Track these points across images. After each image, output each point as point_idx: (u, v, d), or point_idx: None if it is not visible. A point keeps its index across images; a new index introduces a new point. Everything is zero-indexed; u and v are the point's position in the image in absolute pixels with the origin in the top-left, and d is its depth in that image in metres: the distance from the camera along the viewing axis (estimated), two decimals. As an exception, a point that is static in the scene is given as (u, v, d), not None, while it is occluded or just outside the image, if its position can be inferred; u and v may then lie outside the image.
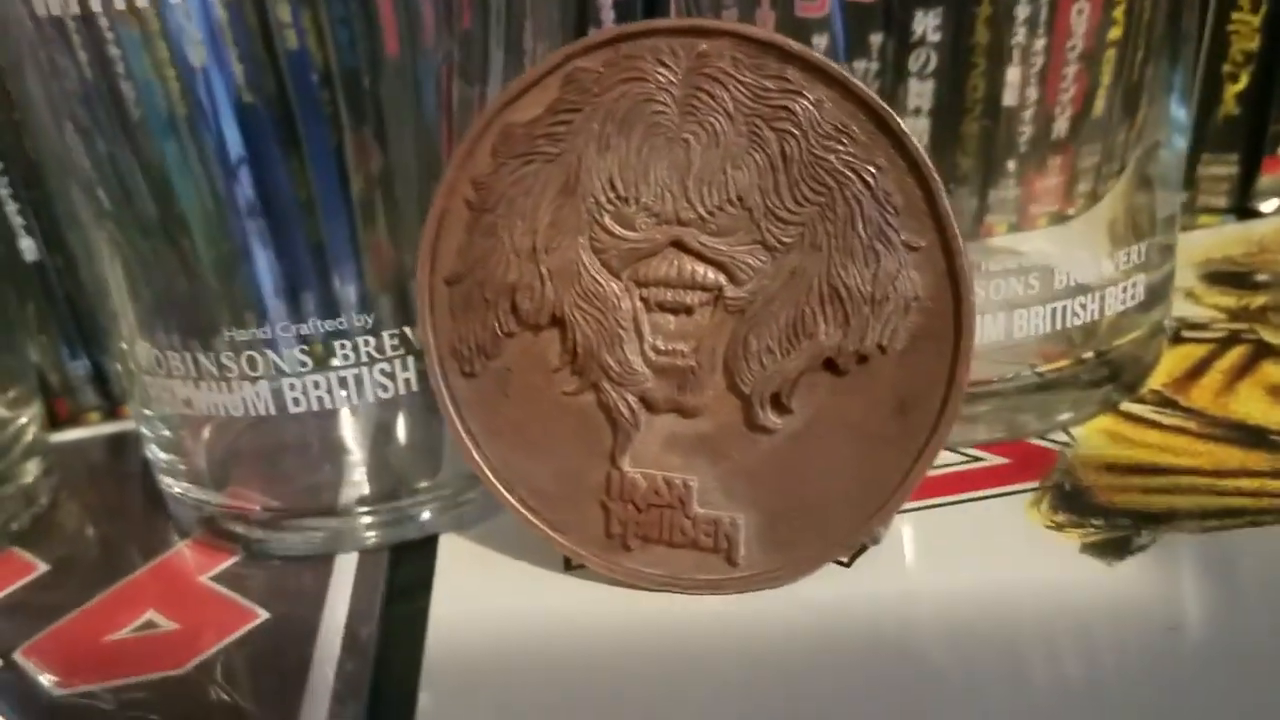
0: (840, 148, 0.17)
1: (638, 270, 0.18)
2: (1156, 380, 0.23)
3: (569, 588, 0.20)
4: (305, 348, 0.20)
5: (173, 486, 0.23)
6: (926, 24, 0.22)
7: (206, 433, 0.22)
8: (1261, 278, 0.27)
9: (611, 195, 0.18)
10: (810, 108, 0.17)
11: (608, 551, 0.19)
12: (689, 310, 0.18)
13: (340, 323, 0.20)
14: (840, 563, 0.19)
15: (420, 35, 0.19)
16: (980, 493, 0.20)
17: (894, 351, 0.17)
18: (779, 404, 0.18)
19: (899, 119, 0.17)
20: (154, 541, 0.23)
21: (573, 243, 0.18)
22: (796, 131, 0.17)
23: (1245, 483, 0.20)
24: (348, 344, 0.20)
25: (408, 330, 0.20)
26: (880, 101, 0.17)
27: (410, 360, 0.20)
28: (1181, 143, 0.22)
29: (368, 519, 0.22)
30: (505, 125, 0.18)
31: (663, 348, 0.18)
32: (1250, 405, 0.22)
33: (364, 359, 0.20)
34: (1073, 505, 0.20)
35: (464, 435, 0.20)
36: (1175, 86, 0.22)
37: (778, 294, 0.18)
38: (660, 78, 0.17)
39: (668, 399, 0.18)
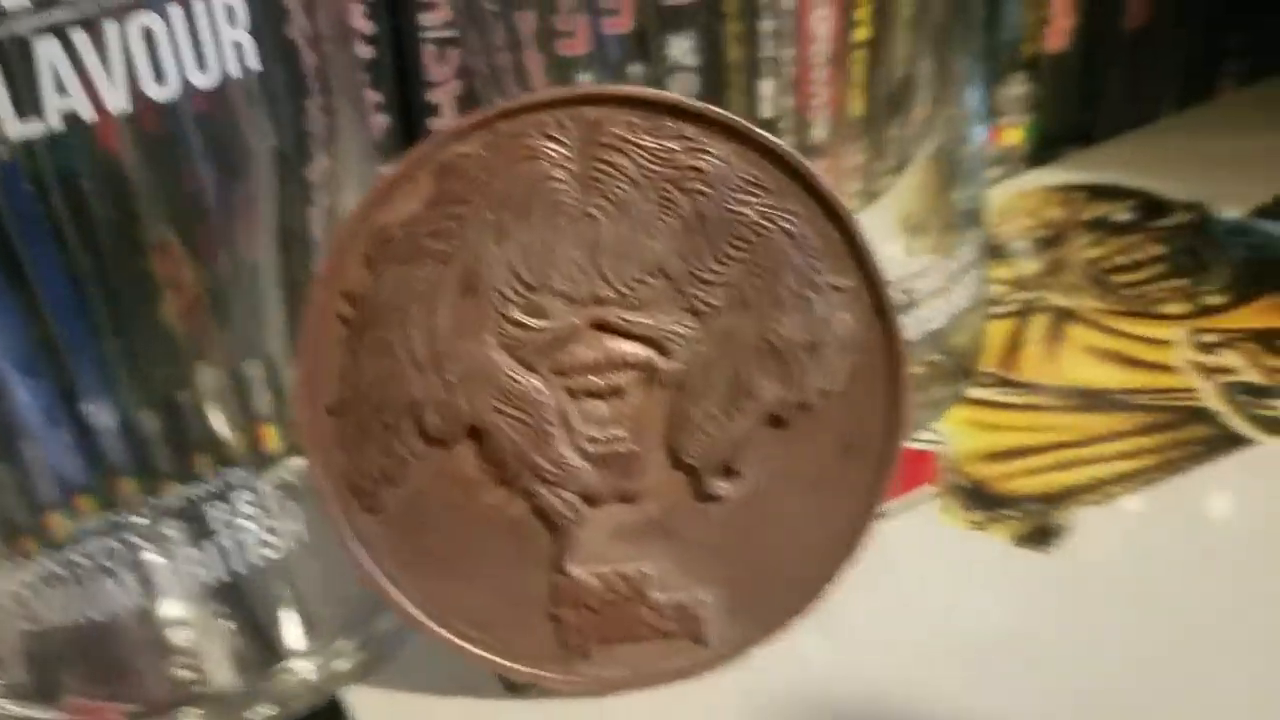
0: (755, 199, 0.16)
1: (558, 360, 0.17)
2: (985, 362, 0.24)
3: (522, 713, 0.18)
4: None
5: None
6: (682, 48, 0.22)
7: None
8: (1019, 245, 0.29)
9: (518, 286, 0.16)
10: (719, 163, 0.16)
11: (563, 664, 0.18)
12: (620, 392, 0.17)
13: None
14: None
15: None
16: (887, 507, 0.21)
17: (834, 394, 0.17)
18: (728, 470, 0.17)
19: (807, 163, 0.16)
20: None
21: (480, 344, 0.17)
22: (709, 189, 0.16)
23: (1118, 446, 0.21)
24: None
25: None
26: (786, 147, 0.16)
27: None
28: (981, 133, 0.23)
29: (253, 694, 0.19)
30: (377, 229, 0.16)
31: (598, 436, 0.17)
32: (1079, 370, 0.24)
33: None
34: (980, 502, 0.20)
35: (379, 577, 0.17)
36: (969, 78, 0.23)
37: (712, 359, 0.17)
38: (554, 154, 0.16)
39: (611, 489, 0.17)
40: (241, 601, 0.18)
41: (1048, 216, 0.31)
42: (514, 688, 0.19)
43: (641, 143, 0.16)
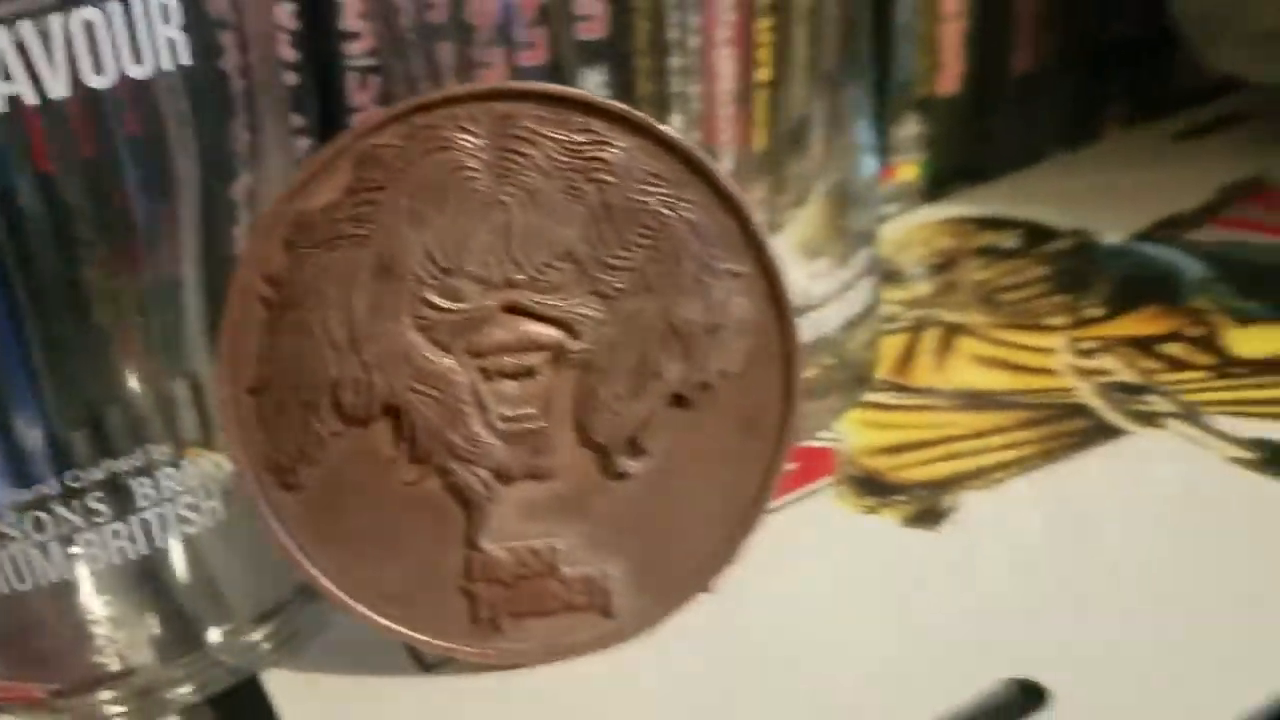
0: (657, 189, 0.17)
1: (471, 341, 0.18)
2: (880, 371, 0.26)
3: (436, 689, 0.19)
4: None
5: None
6: (595, 81, 0.23)
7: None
8: (913, 270, 0.31)
9: (433, 269, 0.17)
10: (622, 155, 0.17)
11: (477, 638, 0.19)
12: (531, 373, 0.18)
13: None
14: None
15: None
16: (788, 498, 0.22)
17: (732, 375, 0.18)
18: (635, 447, 0.18)
19: (703, 155, 0.18)
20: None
21: (396, 325, 0.17)
22: (613, 180, 0.17)
23: (1001, 438, 0.22)
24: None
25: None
26: (684, 141, 0.18)
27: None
28: (872, 164, 0.25)
29: (172, 676, 0.19)
30: (298, 215, 0.17)
31: (510, 415, 0.18)
32: (966, 375, 0.25)
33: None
34: (873, 489, 0.22)
35: (296, 553, 0.18)
36: (861, 112, 0.24)
37: (619, 340, 0.18)
38: (467, 145, 0.17)
39: (522, 466, 0.18)
40: (162, 580, 0.19)
41: (940, 246, 0.33)
42: (428, 664, 0.19)
43: (550, 135, 0.17)
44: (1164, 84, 0.40)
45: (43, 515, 0.17)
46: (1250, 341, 0.24)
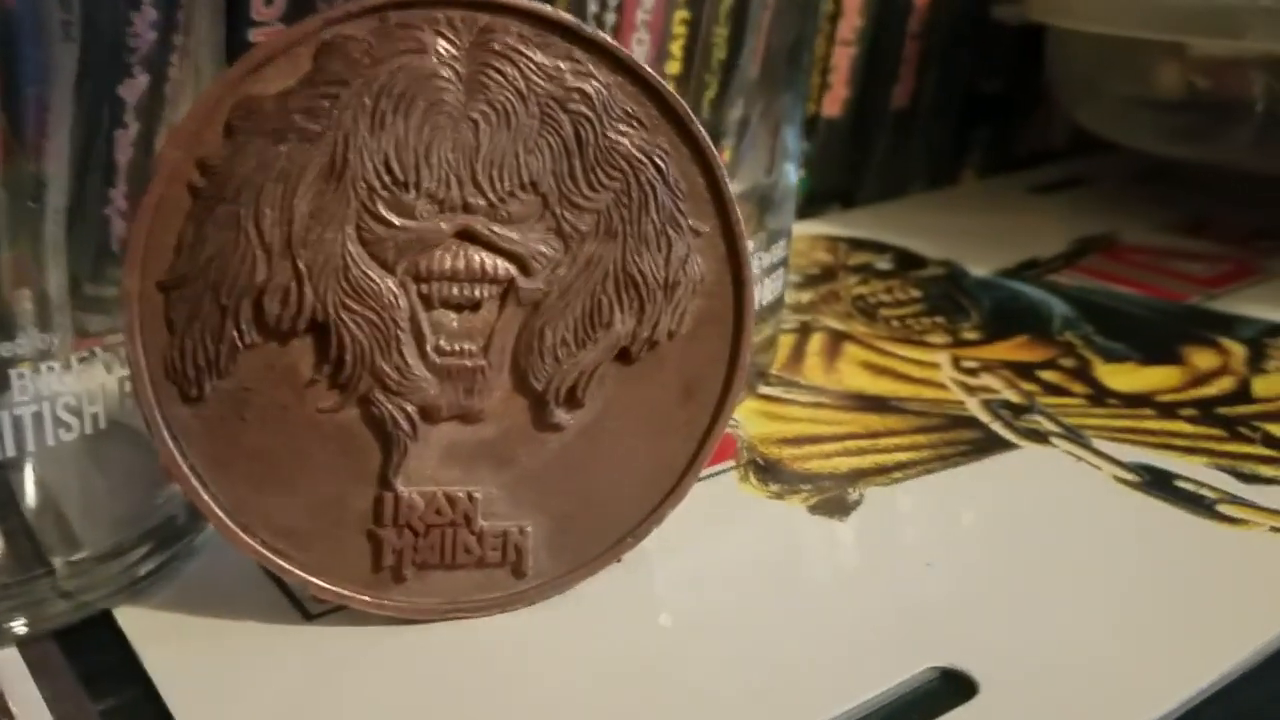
0: (632, 131, 0.17)
1: (417, 263, 0.16)
2: (774, 366, 0.26)
3: (317, 639, 0.17)
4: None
5: None
6: None
7: None
8: (793, 279, 0.31)
9: (387, 180, 0.16)
10: (602, 90, 0.16)
11: (376, 588, 0.17)
12: (476, 306, 0.17)
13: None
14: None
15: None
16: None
17: (680, 336, 0.18)
18: (573, 400, 0.17)
19: (685, 103, 0.17)
20: None
21: (337, 234, 0.16)
22: (590, 114, 0.16)
23: (897, 440, 0.23)
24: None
25: None
26: (667, 86, 0.17)
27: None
28: (793, 172, 0.25)
29: (6, 604, 0.17)
30: (244, 99, 0.16)
31: (447, 348, 0.17)
32: (857, 380, 0.25)
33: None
34: (777, 476, 0.21)
35: (188, 473, 0.16)
36: (792, 120, 0.24)
37: (573, 284, 0.17)
38: (443, 51, 0.16)
39: (451, 405, 0.17)
40: (10, 491, 0.16)
41: (817, 259, 0.33)
42: (311, 613, 0.17)
43: (532, 56, 0.16)
44: (1018, 141, 0.42)
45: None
46: (1119, 377, 0.25)
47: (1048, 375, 0.25)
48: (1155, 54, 0.33)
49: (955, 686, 0.16)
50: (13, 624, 0.17)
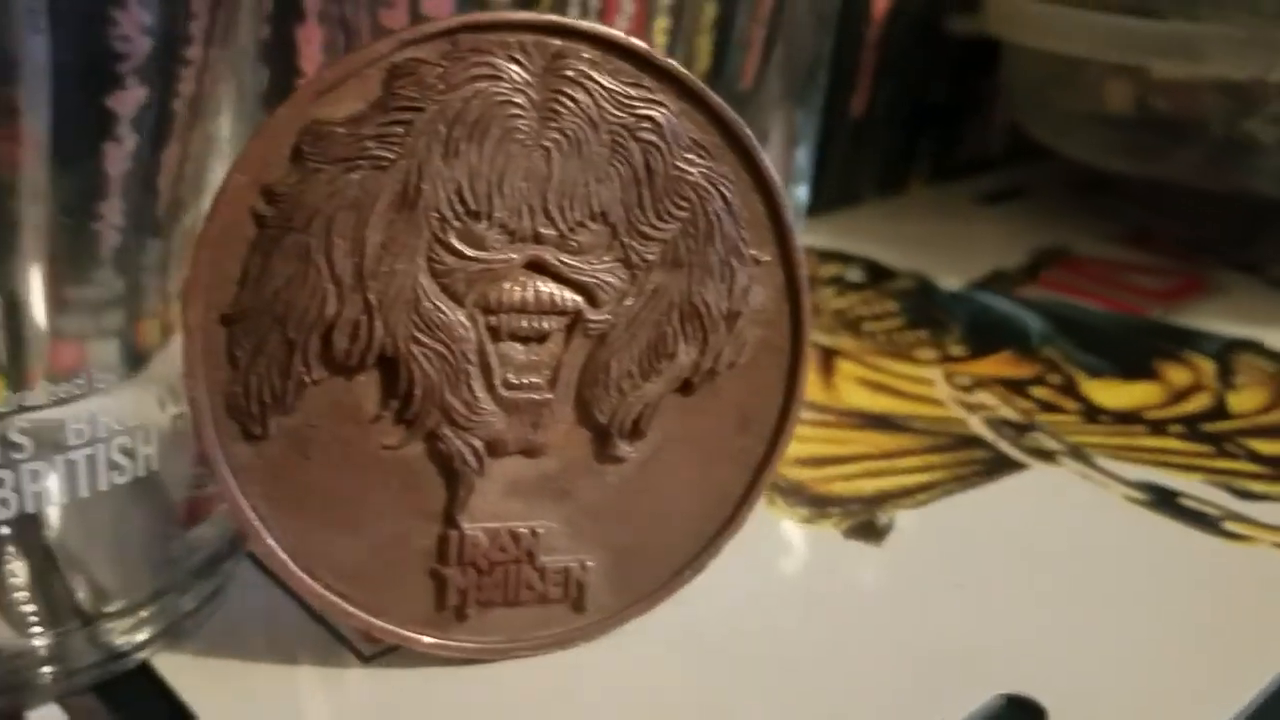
0: (699, 160, 0.16)
1: (487, 296, 0.16)
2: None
3: (379, 683, 0.16)
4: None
5: None
6: None
7: None
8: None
9: (460, 209, 0.15)
10: (672, 118, 0.16)
11: (438, 628, 0.17)
12: (544, 338, 0.16)
13: None
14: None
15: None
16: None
17: (739, 366, 0.17)
18: (636, 431, 0.17)
19: (749, 132, 0.17)
20: None
21: (409, 266, 0.15)
22: (660, 143, 0.16)
23: (913, 460, 0.23)
24: None
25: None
26: (732, 114, 0.17)
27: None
28: (803, 193, 0.25)
29: (42, 655, 0.16)
30: (314, 122, 0.15)
31: (514, 381, 0.16)
32: (857, 398, 0.25)
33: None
34: (802, 499, 0.21)
35: (250, 514, 0.15)
36: (805, 137, 0.24)
37: (639, 315, 0.17)
38: (516, 77, 0.15)
39: (517, 439, 0.16)
40: (45, 537, 0.15)
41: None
42: (364, 654, 0.17)
43: (603, 83, 0.16)
44: (959, 150, 0.43)
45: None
46: (1105, 393, 0.26)
47: (1039, 392, 0.26)
48: (1108, 72, 0.34)
49: (1024, 714, 0.16)
50: (51, 679, 0.16)
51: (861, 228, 0.37)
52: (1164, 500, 0.22)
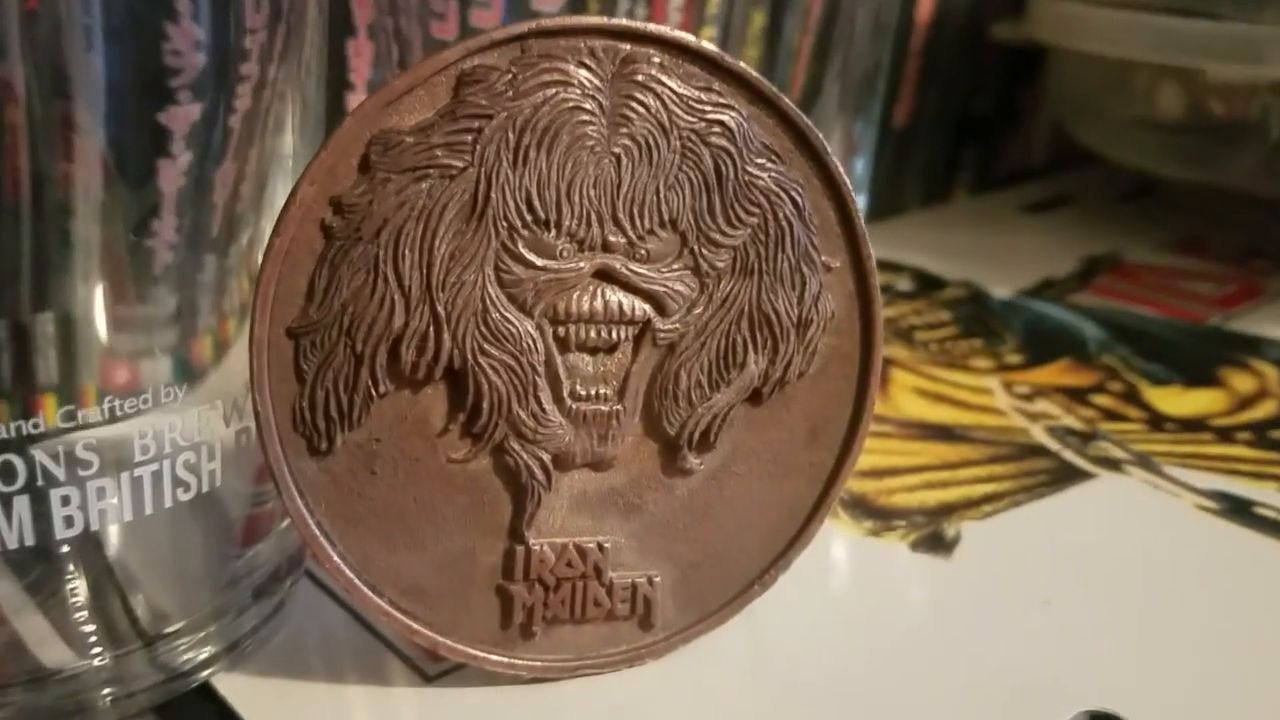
0: (770, 165, 0.16)
1: (555, 306, 0.15)
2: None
3: (445, 704, 0.16)
4: None
5: None
6: None
7: None
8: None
9: (529, 218, 0.15)
10: (743, 123, 0.16)
11: (504, 646, 0.16)
12: (613, 349, 0.16)
13: None
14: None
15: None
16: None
17: (808, 376, 0.17)
18: (705, 443, 0.17)
19: (821, 136, 0.16)
20: None
21: (477, 276, 0.15)
22: (731, 148, 0.16)
23: (975, 471, 0.22)
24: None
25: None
26: (804, 118, 0.16)
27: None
28: (862, 202, 0.24)
29: (102, 676, 0.15)
30: (383, 131, 0.15)
31: (582, 393, 0.16)
32: (915, 407, 0.25)
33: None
34: (867, 512, 0.21)
35: (315, 531, 0.15)
36: (861, 146, 0.24)
37: (709, 324, 0.16)
38: (586, 83, 0.15)
39: (585, 452, 0.16)
40: (103, 557, 0.15)
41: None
42: (428, 674, 0.16)
43: (673, 87, 0.15)
44: (1002, 159, 0.43)
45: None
46: (1169, 401, 0.26)
47: (1101, 400, 0.25)
48: (1159, 75, 0.33)
49: (1111, 733, 0.16)
50: (111, 701, 0.15)
51: (908, 238, 0.37)
52: (1238, 509, 0.21)
